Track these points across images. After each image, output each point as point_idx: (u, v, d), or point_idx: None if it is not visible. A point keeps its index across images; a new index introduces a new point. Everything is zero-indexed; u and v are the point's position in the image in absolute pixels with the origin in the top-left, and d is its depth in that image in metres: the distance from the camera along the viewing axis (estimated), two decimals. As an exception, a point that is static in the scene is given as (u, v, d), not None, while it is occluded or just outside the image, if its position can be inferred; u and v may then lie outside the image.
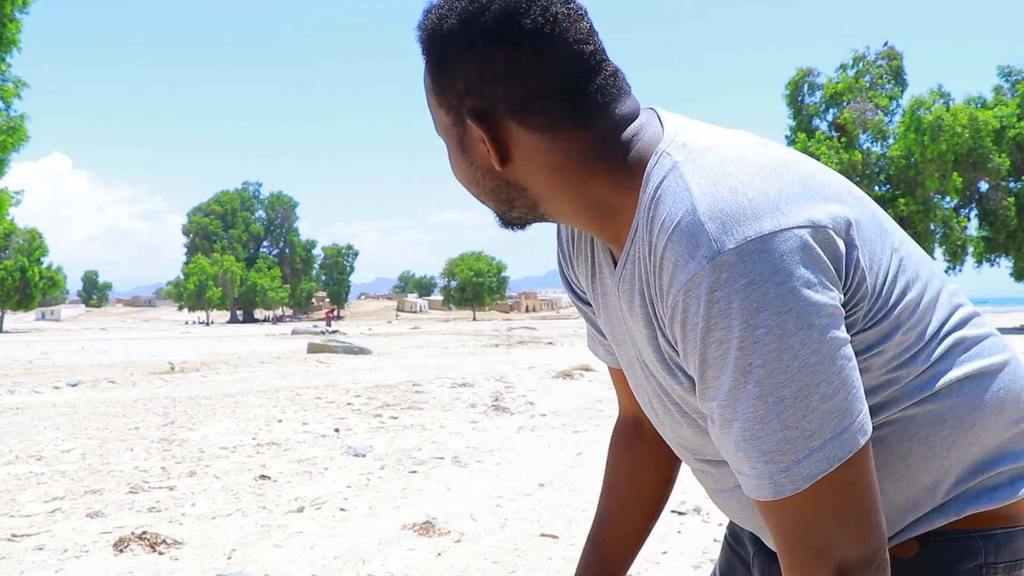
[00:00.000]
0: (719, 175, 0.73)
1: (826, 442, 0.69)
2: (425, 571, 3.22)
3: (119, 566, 3.29)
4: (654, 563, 3.26)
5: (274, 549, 3.51)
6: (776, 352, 0.68)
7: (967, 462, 0.82)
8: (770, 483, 0.71)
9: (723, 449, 0.75)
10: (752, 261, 0.68)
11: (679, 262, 0.71)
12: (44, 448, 6.01)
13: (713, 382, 0.72)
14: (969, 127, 24.52)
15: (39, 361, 17.83)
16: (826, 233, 0.71)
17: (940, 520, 0.83)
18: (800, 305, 0.68)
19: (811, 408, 0.69)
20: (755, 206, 0.70)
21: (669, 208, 0.73)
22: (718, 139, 0.79)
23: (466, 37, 0.77)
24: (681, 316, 0.72)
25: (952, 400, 0.81)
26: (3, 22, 18.71)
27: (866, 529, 0.70)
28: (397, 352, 19.97)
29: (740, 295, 0.68)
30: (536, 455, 5.62)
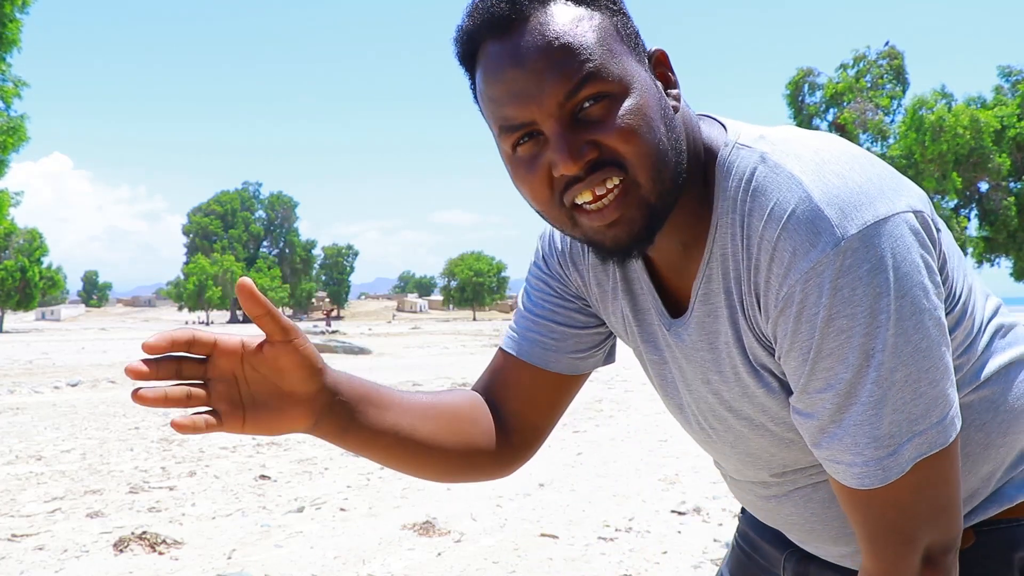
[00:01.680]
0: (821, 163, 0.71)
1: (931, 426, 0.69)
2: (425, 571, 3.22)
3: (119, 566, 3.29)
4: (654, 563, 3.26)
5: (274, 549, 3.51)
6: (894, 337, 0.67)
7: (1018, 448, 0.83)
8: (879, 468, 0.69)
9: (823, 441, 0.72)
10: (873, 246, 0.67)
11: (798, 250, 0.69)
12: (44, 448, 6.01)
13: (827, 372, 0.70)
14: (970, 128, 24.53)
15: (39, 361, 17.83)
16: (923, 217, 0.71)
17: (995, 508, 0.83)
18: (914, 289, 0.67)
19: (920, 393, 0.68)
20: (867, 191, 0.69)
21: (777, 197, 0.71)
22: (788, 132, 0.77)
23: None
24: (797, 307, 0.70)
25: (1000, 386, 0.81)
26: (3, 22, 18.71)
27: (952, 516, 0.71)
28: (397, 352, 19.97)
29: (864, 281, 0.66)
30: (536, 455, 5.62)
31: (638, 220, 0.74)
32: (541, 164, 0.73)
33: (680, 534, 3.65)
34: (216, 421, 0.76)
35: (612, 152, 0.72)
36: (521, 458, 1.02)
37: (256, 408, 0.77)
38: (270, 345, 0.76)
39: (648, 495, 4.39)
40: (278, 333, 0.75)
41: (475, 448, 0.95)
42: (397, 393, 0.92)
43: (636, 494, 4.43)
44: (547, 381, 0.99)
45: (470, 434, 0.95)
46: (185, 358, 0.75)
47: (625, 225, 0.74)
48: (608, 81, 0.71)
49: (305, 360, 0.77)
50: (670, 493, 4.42)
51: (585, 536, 3.66)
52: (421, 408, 0.92)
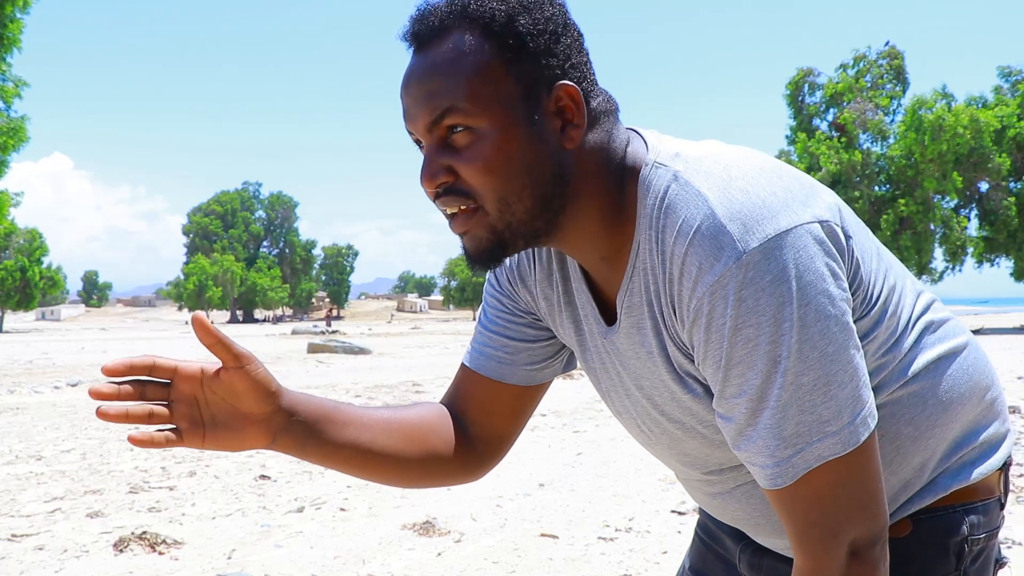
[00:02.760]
0: (727, 179, 0.75)
1: (843, 427, 0.72)
2: (425, 571, 3.22)
3: (119, 566, 3.29)
4: (654, 563, 3.26)
5: (274, 549, 3.51)
6: (799, 343, 0.71)
7: (949, 439, 0.87)
8: (788, 467, 0.73)
9: (741, 444, 0.76)
10: (774, 258, 0.70)
11: (703, 265, 0.73)
12: (44, 448, 6.01)
13: (738, 379, 0.74)
14: (970, 127, 24.51)
15: (39, 361, 17.83)
16: (830, 226, 0.74)
17: (929, 498, 0.87)
18: (818, 297, 0.71)
19: (830, 395, 0.72)
20: (769, 205, 0.72)
21: (685, 214, 0.75)
22: (704, 147, 0.82)
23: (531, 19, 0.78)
24: (706, 318, 0.74)
25: (929, 380, 0.85)
26: (4, 22, 18.71)
27: (874, 510, 0.74)
28: (397, 352, 19.97)
29: (767, 291, 0.70)
30: (536, 455, 5.62)
31: (484, 240, 0.81)
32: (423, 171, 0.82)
33: (680, 534, 3.65)
34: (176, 437, 0.82)
35: (464, 182, 0.79)
36: (488, 464, 1.06)
37: (215, 427, 0.84)
38: (225, 371, 0.83)
39: (648, 495, 4.39)
40: (231, 360, 0.82)
41: (436, 456, 0.99)
42: (357, 410, 0.97)
43: (636, 494, 4.43)
44: (505, 392, 1.03)
45: (431, 443, 0.99)
46: (149, 381, 0.81)
47: (472, 240, 0.81)
48: (472, 116, 0.77)
49: (258, 385, 0.84)
50: (670, 493, 4.42)
51: (585, 536, 3.66)
52: (381, 423, 0.97)
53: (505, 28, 0.78)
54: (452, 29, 0.78)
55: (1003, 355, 14.93)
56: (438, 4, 0.80)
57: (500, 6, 0.78)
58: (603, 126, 0.83)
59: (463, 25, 0.78)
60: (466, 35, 0.78)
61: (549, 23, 0.79)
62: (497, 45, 0.77)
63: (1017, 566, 3.16)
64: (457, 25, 0.78)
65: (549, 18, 0.79)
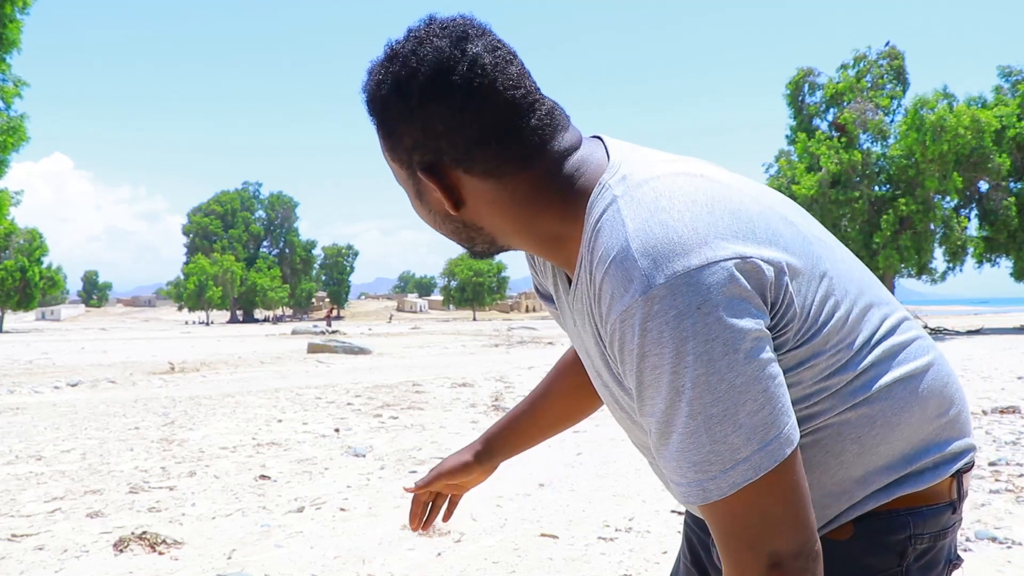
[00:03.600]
0: (653, 211, 0.79)
1: (753, 453, 0.75)
2: (425, 571, 3.22)
3: (119, 566, 3.29)
4: (654, 563, 3.26)
5: (274, 549, 3.51)
6: (705, 376, 0.74)
7: (893, 455, 0.91)
8: (700, 489, 0.77)
9: (659, 458, 0.81)
10: (681, 294, 0.74)
11: (615, 294, 0.77)
12: (44, 448, 6.01)
13: (650, 401, 0.78)
14: (971, 128, 24.48)
15: (39, 361, 17.83)
16: (753, 263, 0.77)
17: (872, 504, 0.91)
18: (726, 332, 0.74)
19: (739, 424, 0.75)
20: (684, 241, 0.76)
21: (606, 242, 0.80)
22: (656, 170, 0.84)
23: (404, 99, 0.84)
24: (619, 342, 0.79)
25: (882, 404, 0.88)
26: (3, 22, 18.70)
27: (794, 525, 0.76)
28: (397, 352, 19.97)
29: (671, 325, 0.74)
30: (536, 455, 5.62)
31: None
32: None
33: (680, 534, 3.65)
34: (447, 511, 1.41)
35: None
36: None
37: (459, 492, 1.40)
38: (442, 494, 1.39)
39: (648, 495, 4.39)
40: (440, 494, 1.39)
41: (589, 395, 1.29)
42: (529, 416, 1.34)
43: (636, 494, 4.42)
44: None
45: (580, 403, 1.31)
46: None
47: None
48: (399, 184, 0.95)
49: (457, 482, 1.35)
50: (670, 493, 4.42)
51: (585, 536, 3.66)
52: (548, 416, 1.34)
53: (380, 123, 0.88)
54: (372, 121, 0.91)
55: (1003, 355, 14.92)
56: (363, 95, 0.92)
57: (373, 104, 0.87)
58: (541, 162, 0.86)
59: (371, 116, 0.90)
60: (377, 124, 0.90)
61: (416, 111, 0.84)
62: (382, 136, 0.89)
63: (1017, 566, 3.17)
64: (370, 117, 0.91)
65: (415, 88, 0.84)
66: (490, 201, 0.88)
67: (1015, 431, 6.18)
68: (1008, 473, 4.74)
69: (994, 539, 3.46)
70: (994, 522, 3.74)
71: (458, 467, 1.31)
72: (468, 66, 0.82)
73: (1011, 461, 5.04)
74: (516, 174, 0.86)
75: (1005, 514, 3.88)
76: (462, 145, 0.84)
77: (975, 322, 38.52)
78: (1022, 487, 4.40)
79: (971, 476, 0.98)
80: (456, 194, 0.88)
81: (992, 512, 3.91)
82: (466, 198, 0.88)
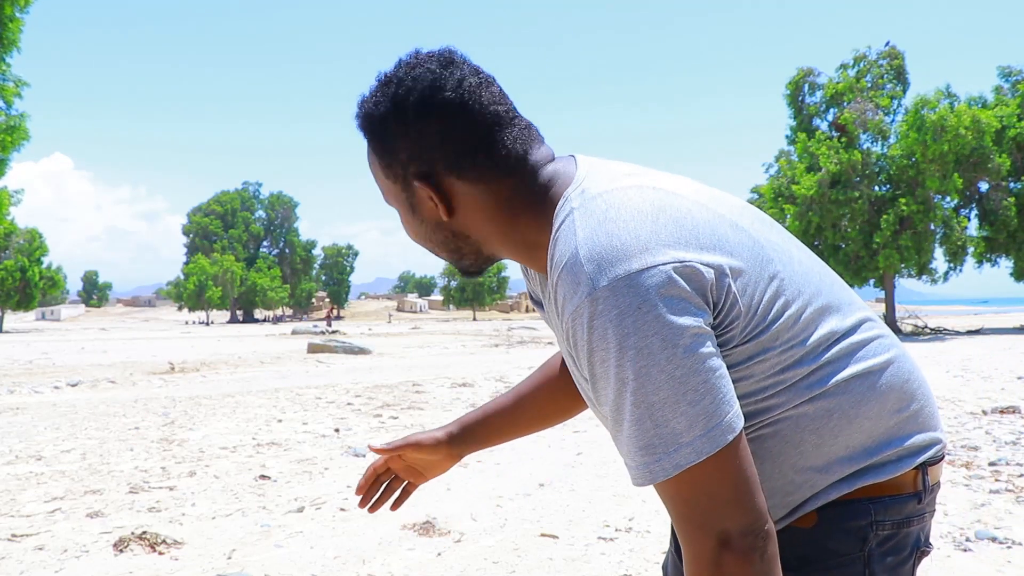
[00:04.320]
0: (600, 221, 0.88)
1: (695, 439, 0.82)
2: (425, 571, 3.22)
3: (119, 566, 3.28)
4: (654, 563, 3.26)
5: (274, 549, 3.51)
6: (645, 368, 0.82)
7: (853, 446, 0.96)
8: (647, 471, 0.84)
9: (616, 445, 0.89)
10: (621, 295, 0.82)
11: (567, 296, 0.86)
12: (44, 448, 6.01)
13: (602, 392, 0.86)
14: (972, 128, 24.46)
15: (39, 361, 17.83)
16: (691, 267, 0.85)
17: (835, 493, 0.96)
18: (664, 329, 0.82)
19: (680, 412, 0.82)
20: (626, 248, 0.84)
21: (560, 250, 0.89)
22: (613, 184, 0.93)
23: (401, 115, 0.94)
24: (572, 339, 0.87)
25: (840, 397, 0.94)
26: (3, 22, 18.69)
27: (742, 505, 0.83)
28: (397, 352, 19.97)
29: (613, 323, 0.82)
30: (536, 455, 5.62)
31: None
32: None
33: (680, 534, 3.65)
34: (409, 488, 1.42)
35: None
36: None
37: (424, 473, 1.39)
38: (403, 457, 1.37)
39: (648, 495, 4.39)
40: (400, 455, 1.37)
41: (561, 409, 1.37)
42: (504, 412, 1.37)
43: (636, 494, 4.42)
44: None
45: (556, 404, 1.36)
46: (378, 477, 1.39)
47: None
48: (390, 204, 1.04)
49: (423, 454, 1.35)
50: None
51: (585, 536, 3.66)
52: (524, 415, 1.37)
53: (379, 140, 0.98)
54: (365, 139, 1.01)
55: (1003, 355, 14.92)
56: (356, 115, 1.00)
57: (364, 122, 0.98)
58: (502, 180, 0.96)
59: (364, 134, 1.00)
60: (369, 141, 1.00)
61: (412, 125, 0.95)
62: (378, 154, 0.99)
63: (1017, 566, 3.17)
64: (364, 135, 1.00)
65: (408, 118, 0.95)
66: (478, 207, 0.97)
67: (1015, 431, 6.18)
68: (1008, 473, 4.74)
69: (994, 539, 3.46)
70: (994, 522, 3.74)
71: (429, 441, 1.33)
72: (457, 84, 0.94)
73: (1011, 461, 5.04)
74: (499, 180, 0.96)
75: (1005, 514, 3.88)
76: (453, 154, 0.95)
77: (975, 322, 38.52)
78: (1022, 487, 4.40)
79: (940, 468, 1.03)
80: (449, 200, 0.97)
81: (992, 512, 3.91)
82: (457, 204, 0.97)
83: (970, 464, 5.02)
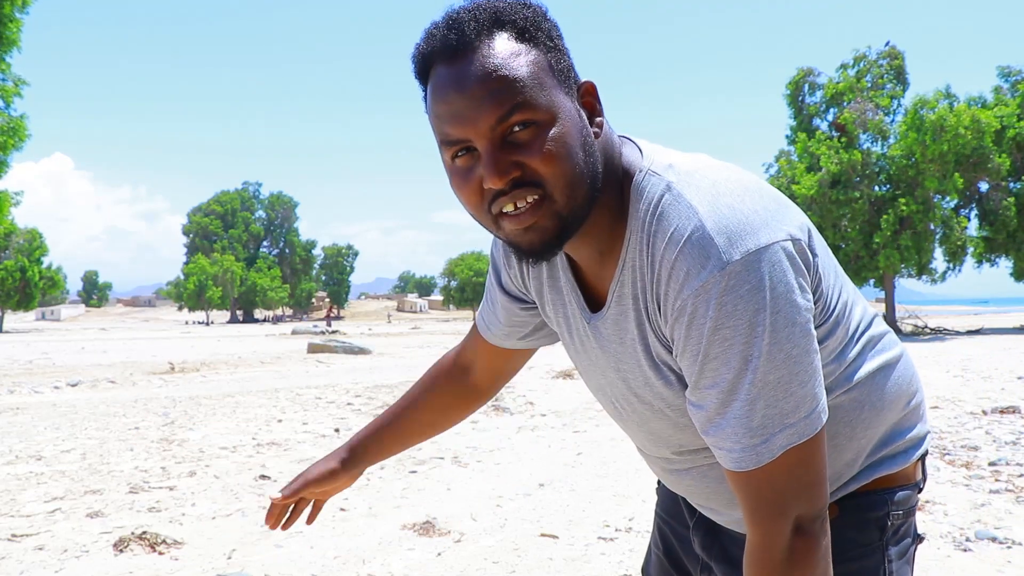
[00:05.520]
0: (716, 195, 0.84)
1: (800, 420, 0.82)
2: (425, 571, 3.22)
3: (119, 566, 3.28)
4: (654, 563, 3.26)
5: (274, 549, 3.51)
6: (770, 346, 0.80)
7: (877, 438, 1.00)
8: (753, 454, 0.83)
9: (711, 430, 0.86)
10: (753, 270, 0.80)
11: (691, 271, 0.82)
12: (44, 448, 6.01)
13: (713, 373, 0.83)
14: (972, 128, 24.44)
15: (39, 361, 17.82)
16: (801, 244, 0.84)
17: (855, 485, 1.00)
18: (788, 307, 0.81)
19: (791, 392, 0.82)
20: (752, 222, 0.82)
21: (677, 223, 0.84)
22: (695, 163, 0.90)
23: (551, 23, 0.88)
24: (688, 317, 0.83)
25: (867, 388, 0.97)
26: (3, 22, 18.68)
27: (818, 491, 0.84)
28: (397, 352, 19.96)
29: (745, 298, 0.80)
30: (536, 455, 5.62)
31: (550, 229, 0.86)
32: (474, 176, 0.86)
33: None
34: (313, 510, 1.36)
35: (533, 173, 0.84)
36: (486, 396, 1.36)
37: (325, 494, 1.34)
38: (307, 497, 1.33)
39: (648, 495, 4.39)
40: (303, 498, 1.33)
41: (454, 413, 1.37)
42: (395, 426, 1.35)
43: (636, 494, 4.42)
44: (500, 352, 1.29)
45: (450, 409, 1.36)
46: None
47: (538, 232, 0.86)
48: (536, 111, 0.82)
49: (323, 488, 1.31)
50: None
51: (585, 536, 3.66)
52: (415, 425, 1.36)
53: (536, 30, 0.86)
54: (492, 34, 0.84)
55: (1003, 355, 14.91)
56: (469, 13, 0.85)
57: (526, 12, 0.86)
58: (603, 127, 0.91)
59: (502, 29, 0.84)
60: (508, 39, 0.84)
61: (558, 27, 0.89)
62: (534, 46, 0.85)
63: (1017, 566, 3.16)
64: (496, 30, 0.84)
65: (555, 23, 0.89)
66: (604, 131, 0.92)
67: (1015, 431, 6.18)
68: (1008, 473, 4.74)
69: (994, 539, 3.46)
70: (994, 522, 3.74)
71: (325, 474, 1.30)
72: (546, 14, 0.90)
73: (1011, 461, 5.04)
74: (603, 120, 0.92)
75: (1005, 514, 3.88)
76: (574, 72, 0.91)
77: (975, 322, 38.51)
78: (1022, 487, 4.40)
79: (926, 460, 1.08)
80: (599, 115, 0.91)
81: (992, 512, 3.91)
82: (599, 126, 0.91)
83: (970, 464, 5.02)
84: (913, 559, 1.05)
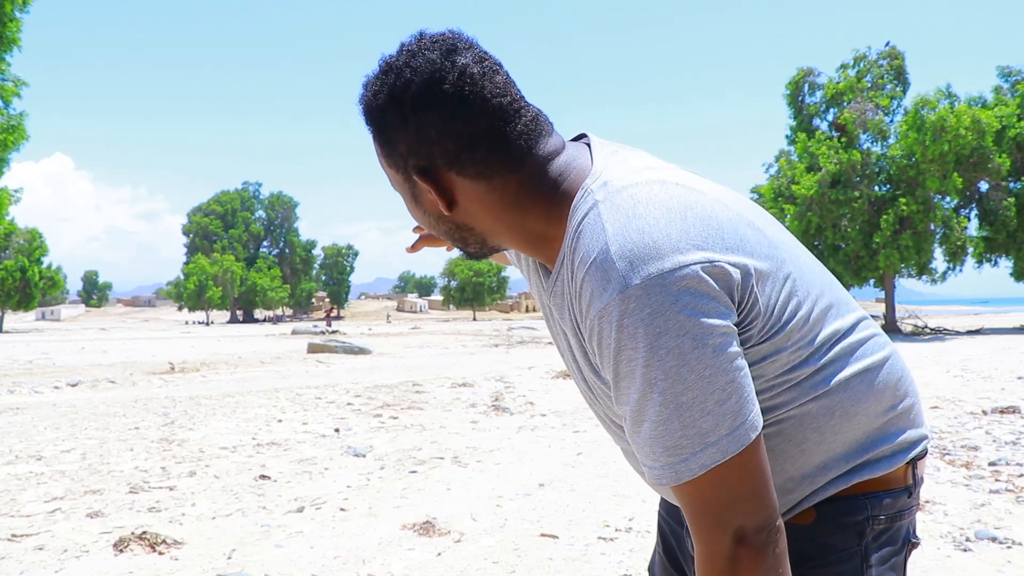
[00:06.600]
0: (630, 216, 0.86)
1: (721, 438, 0.82)
2: (425, 571, 3.21)
3: (119, 566, 3.28)
4: (654, 563, 3.26)
5: (274, 549, 3.51)
6: (676, 367, 0.81)
7: (850, 443, 0.98)
8: (672, 471, 0.84)
9: (633, 446, 0.87)
10: (654, 294, 0.81)
11: (595, 292, 0.84)
12: (44, 448, 6.01)
13: (625, 391, 0.85)
14: (972, 128, 24.44)
15: (39, 361, 17.82)
16: (720, 267, 0.84)
17: (832, 490, 0.98)
18: (695, 328, 0.81)
19: (707, 411, 0.82)
20: (659, 246, 0.83)
21: (587, 244, 0.87)
22: (635, 177, 0.91)
23: (399, 108, 0.90)
24: (597, 337, 0.86)
25: (841, 395, 0.96)
26: (3, 22, 18.68)
27: (758, 503, 0.83)
28: (397, 352, 19.96)
29: (645, 322, 0.81)
30: (536, 455, 5.62)
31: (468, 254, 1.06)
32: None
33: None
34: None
35: None
36: None
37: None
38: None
39: (648, 495, 4.39)
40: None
41: None
42: None
43: (636, 494, 4.42)
44: None
45: None
46: None
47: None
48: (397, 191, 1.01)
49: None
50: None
51: (585, 536, 3.66)
52: None
53: (378, 130, 0.94)
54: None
55: (1003, 355, 14.91)
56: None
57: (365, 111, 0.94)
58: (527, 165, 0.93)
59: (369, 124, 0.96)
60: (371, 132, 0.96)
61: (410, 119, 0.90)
62: (379, 144, 0.95)
63: (1017, 566, 3.16)
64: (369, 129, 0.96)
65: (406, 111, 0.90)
66: (481, 202, 0.94)
67: (1015, 431, 6.18)
68: (1008, 473, 4.74)
69: (994, 539, 3.46)
70: (994, 522, 3.74)
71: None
72: (458, 76, 0.89)
73: (1011, 461, 5.04)
74: (505, 176, 0.93)
75: (1005, 514, 3.88)
76: (453, 150, 0.91)
77: (975, 322, 38.51)
78: (1022, 487, 4.40)
79: (925, 462, 1.06)
80: (449, 195, 0.94)
81: (992, 512, 3.91)
82: (458, 199, 0.94)
83: (970, 464, 5.02)
84: (903, 565, 1.04)
